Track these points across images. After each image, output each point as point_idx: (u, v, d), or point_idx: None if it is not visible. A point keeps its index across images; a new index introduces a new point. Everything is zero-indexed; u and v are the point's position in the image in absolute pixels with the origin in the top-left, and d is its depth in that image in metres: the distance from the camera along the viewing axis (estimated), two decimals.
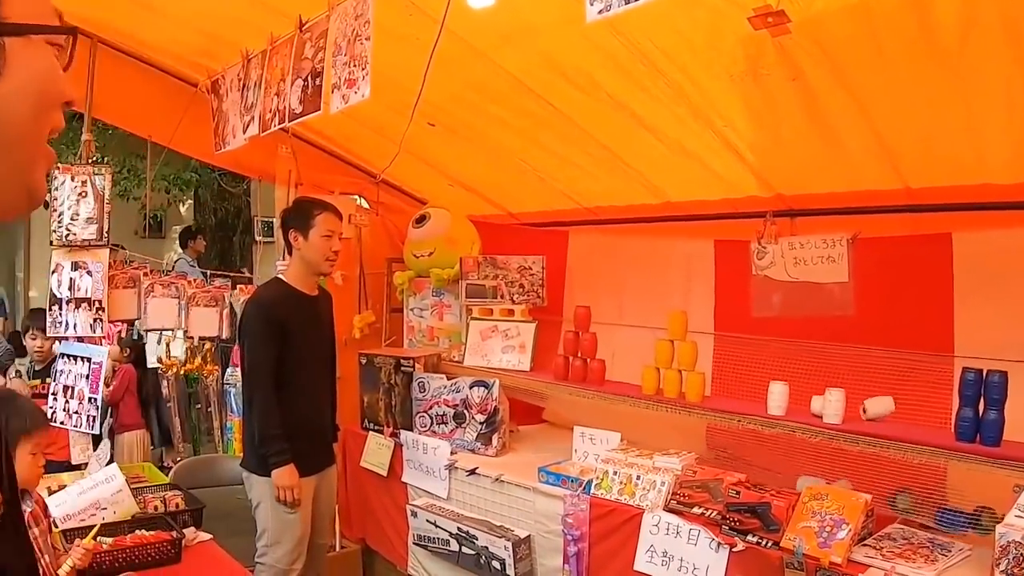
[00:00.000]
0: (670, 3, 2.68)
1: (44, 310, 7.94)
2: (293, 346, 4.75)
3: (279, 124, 4.53)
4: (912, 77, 3.35)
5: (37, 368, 6.62)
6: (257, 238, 12.76)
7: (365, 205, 6.90)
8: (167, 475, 5.39)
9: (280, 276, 4.98)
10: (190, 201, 13.63)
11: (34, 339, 6.63)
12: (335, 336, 5.36)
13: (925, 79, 3.35)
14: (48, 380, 6.03)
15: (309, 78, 4.22)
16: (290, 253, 4.90)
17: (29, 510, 3.33)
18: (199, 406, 8.47)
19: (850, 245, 4.31)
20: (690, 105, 4.07)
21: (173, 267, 9.40)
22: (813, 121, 3.83)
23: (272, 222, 11.40)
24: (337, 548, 6.01)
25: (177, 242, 11.83)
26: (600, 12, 2.80)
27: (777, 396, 4.08)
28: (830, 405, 3.91)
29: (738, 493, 3.75)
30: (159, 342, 6.14)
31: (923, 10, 2.96)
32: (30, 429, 3.28)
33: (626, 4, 2.71)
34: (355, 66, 3.82)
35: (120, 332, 5.98)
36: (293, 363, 4.77)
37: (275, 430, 4.65)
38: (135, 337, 7.15)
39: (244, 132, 5.01)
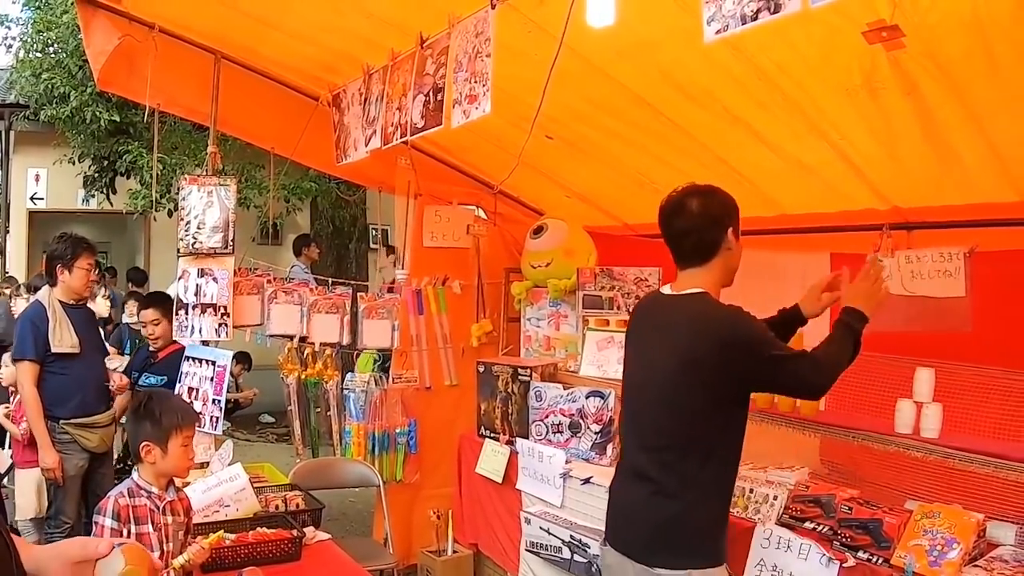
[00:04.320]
0: (786, 20, 2.68)
1: None
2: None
3: (401, 138, 4.63)
4: None
5: None
6: (373, 246, 12.96)
7: (483, 216, 6.98)
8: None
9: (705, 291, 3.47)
10: (306, 209, 13.87)
11: None
12: None
13: None
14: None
15: (431, 93, 4.30)
16: (711, 258, 3.47)
17: (170, 499, 3.56)
18: (319, 410, 8.64)
19: (967, 259, 4.25)
20: (806, 119, 4.07)
21: (289, 274, 9.61)
22: (929, 134, 3.81)
23: (387, 230, 11.58)
24: (450, 553, 6.10)
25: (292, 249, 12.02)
26: (718, 32, 2.84)
27: (905, 413, 4.06)
28: (926, 419, 3.90)
29: (850, 509, 3.73)
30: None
31: None
32: (181, 424, 3.58)
33: (743, 24, 2.75)
34: (476, 82, 3.89)
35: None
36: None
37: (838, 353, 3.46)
38: None
39: (366, 145, 5.12)
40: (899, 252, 4.56)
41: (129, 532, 3.43)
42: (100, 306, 8.59)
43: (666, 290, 3.60)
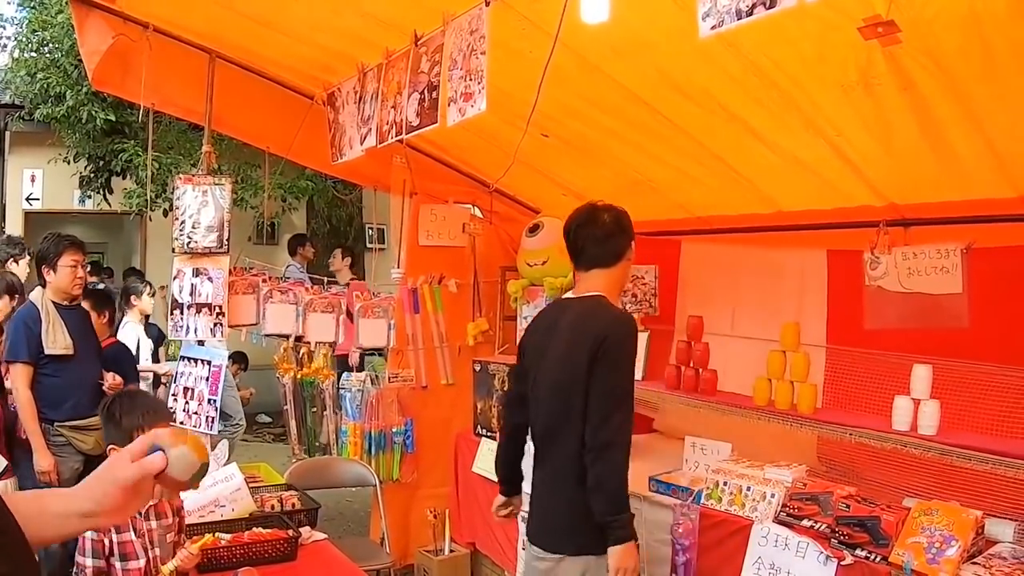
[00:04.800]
0: (781, 16, 2.67)
1: None
2: None
3: (396, 137, 4.61)
4: None
5: None
6: (369, 245, 12.95)
7: (479, 214, 6.96)
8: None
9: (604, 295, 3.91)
10: (302, 208, 13.85)
11: None
12: None
13: None
14: None
15: (425, 91, 4.28)
16: (615, 263, 3.95)
17: (154, 502, 3.50)
18: (315, 410, 8.62)
19: (964, 255, 4.25)
20: (802, 115, 4.05)
21: (284, 273, 9.57)
22: (925, 130, 3.79)
23: (384, 229, 11.57)
24: (447, 552, 6.09)
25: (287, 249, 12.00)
26: (713, 28, 2.83)
27: (903, 410, 4.05)
28: (924, 416, 3.90)
29: (848, 506, 3.72)
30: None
31: None
32: (143, 425, 3.41)
33: (738, 20, 2.73)
34: (471, 80, 3.88)
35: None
36: None
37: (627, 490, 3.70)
38: None
39: (361, 144, 5.10)
40: (896, 249, 4.55)
41: (110, 541, 3.38)
42: (146, 303, 8.54)
43: (568, 295, 4.07)
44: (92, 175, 12.21)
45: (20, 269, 7.44)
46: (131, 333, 7.81)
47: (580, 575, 3.71)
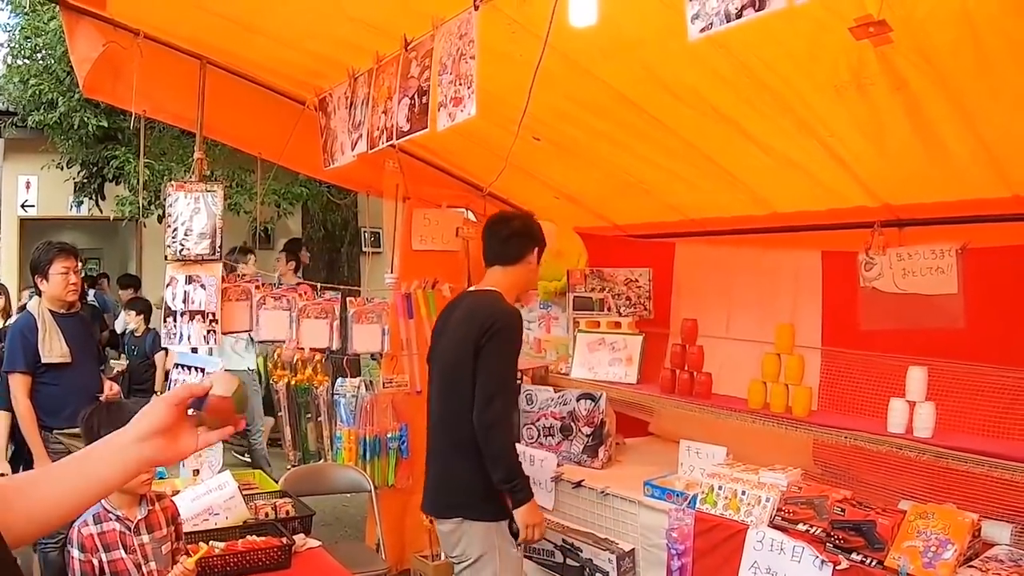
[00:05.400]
0: (771, 17, 2.65)
1: None
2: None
3: (387, 142, 4.59)
4: (1018, 82, 3.27)
5: None
6: (365, 249, 12.92)
7: (472, 218, 6.94)
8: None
9: (498, 291, 4.36)
10: (297, 213, 13.82)
11: None
12: None
13: None
14: None
15: (415, 96, 4.26)
16: (514, 263, 4.41)
17: (142, 516, 3.45)
18: (309, 416, 8.59)
19: (959, 256, 4.23)
20: (795, 116, 4.03)
21: (279, 280, 9.53)
22: (918, 130, 3.77)
23: (379, 232, 11.56)
24: (443, 557, 6.06)
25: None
26: (702, 31, 2.80)
27: (898, 413, 4.03)
28: (919, 419, 3.88)
29: (843, 510, 3.70)
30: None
31: None
32: None
33: (727, 22, 2.71)
34: (461, 84, 3.85)
35: None
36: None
37: (518, 459, 4.22)
38: None
39: (352, 149, 5.07)
40: (890, 249, 4.53)
41: (99, 561, 3.34)
42: None
43: (471, 288, 4.66)
44: (85, 181, 12.20)
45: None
46: None
47: (483, 536, 4.19)
